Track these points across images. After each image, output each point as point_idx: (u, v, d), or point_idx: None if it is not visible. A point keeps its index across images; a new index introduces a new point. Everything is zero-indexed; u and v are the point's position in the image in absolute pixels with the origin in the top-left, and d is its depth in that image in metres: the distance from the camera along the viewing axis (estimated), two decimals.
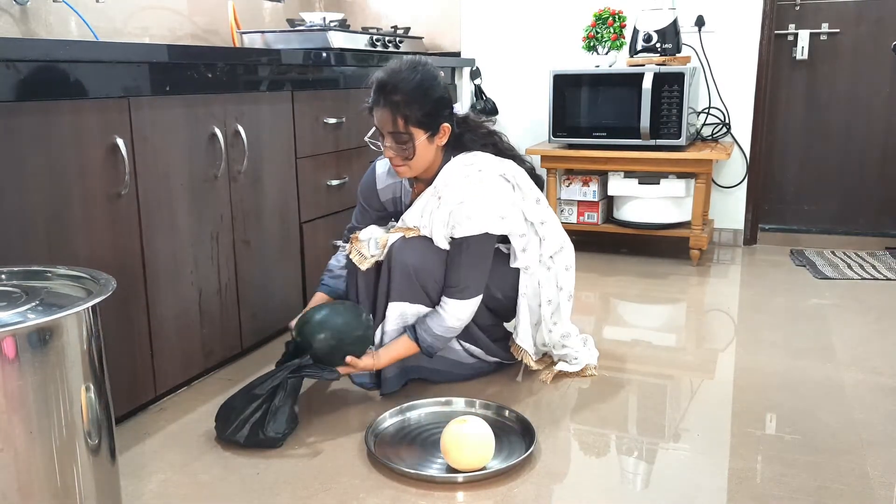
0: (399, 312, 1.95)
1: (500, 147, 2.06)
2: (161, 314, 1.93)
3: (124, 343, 1.82)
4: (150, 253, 1.87)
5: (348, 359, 1.85)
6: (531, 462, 1.67)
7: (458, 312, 1.93)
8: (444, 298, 1.95)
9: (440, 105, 1.91)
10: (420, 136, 1.89)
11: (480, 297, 1.97)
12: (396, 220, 2.09)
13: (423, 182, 2.03)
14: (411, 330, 1.93)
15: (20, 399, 1.15)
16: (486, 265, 1.96)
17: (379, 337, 1.98)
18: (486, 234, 1.90)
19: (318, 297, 2.13)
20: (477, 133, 2.04)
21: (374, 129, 1.97)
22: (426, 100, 1.88)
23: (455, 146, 1.99)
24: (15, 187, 1.52)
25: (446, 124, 1.94)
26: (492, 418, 1.83)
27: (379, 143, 1.96)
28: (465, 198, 1.88)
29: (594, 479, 1.61)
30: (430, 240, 1.94)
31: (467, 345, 2.07)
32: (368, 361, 1.89)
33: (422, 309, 1.96)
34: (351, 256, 1.99)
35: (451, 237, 1.92)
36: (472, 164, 1.94)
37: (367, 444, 1.72)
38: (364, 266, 1.97)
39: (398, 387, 2.02)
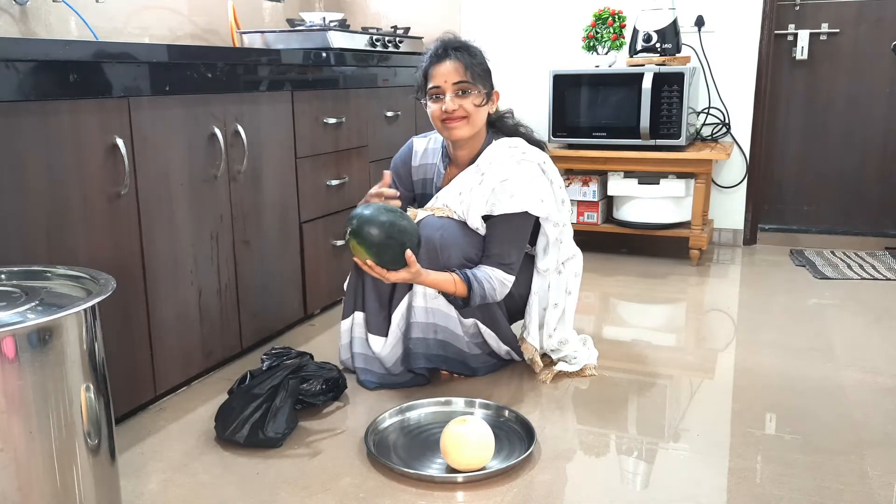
0: (422, 290, 1.97)
1: (530, 140, 2.11)
2: (161, 314, 1.93)
3: (124, 343, 1.82)
4: (149, 253, 1.87)
5: (408, 254, 1.82)
6: (531, 462, 1.67)
7: (501, 279, 1.97)
8: (484, 266, 1.97)
9: (490, 74, 2.04)
10: (482, 91, 1.99)
11: (514, 279, 2.00)
12: (419, 205, 2.14)
13: (456, 166, 2.09)
14: (460, 272, 1.94)
15: (20, 399, 1.15)
16: (523, 245, 2.03)
17: (405, 310, 2.00)
18: (526, 213, 1.96)
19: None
20: (512, 120, 2.14)
21: (425, 96, 2.03)
22: (485, 63, 2.03)
23: (496, 129, 2.09)
24: (15, 187, 1.52)
25: (497, 91, 2.06)
26: (492, 418, 1.83)
27: (428, 103, 2.02)
28: (508, 176, 1.95)
29: (594, 479, 1.61)
30: (461, 222, 1.98)
31: (483, 328, 2.05)
32: (406, 275, 1.86)
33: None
34: None
35: (490, 214, 1.96)
36: (517, 147, 2.02)
37: (366, 444, 1.72)
38: None
39: (424, 366, 2.03)
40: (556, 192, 2.06)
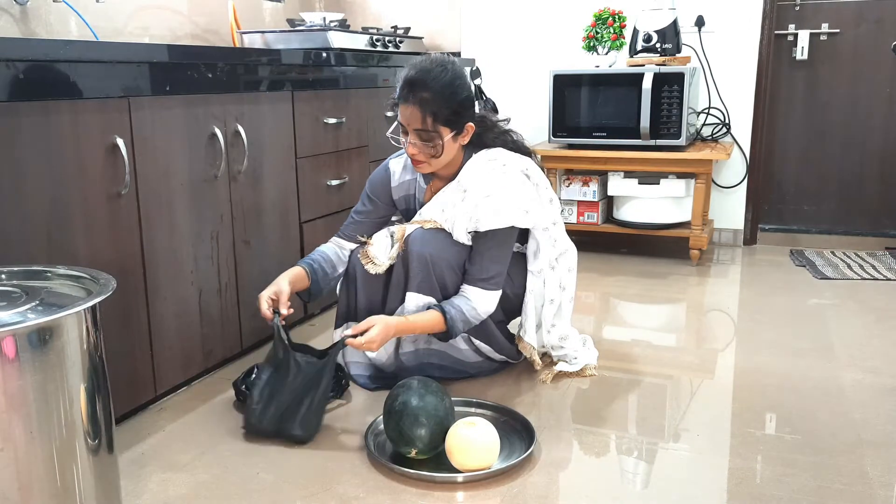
0: (415, 303, 1.94)
1: (514, 146, 2.07)
2: (161, 314, 1.93)
3: (124, 343, 1.82)
4: (150, 253, 1.87)
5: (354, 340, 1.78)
6: (531, 462, 1.67)
7: (483, 302, 1.95)
8: (467, 287, 1.96)
9: (466, 104, 1.93)
10: (446, 135, 1.90)
11: (500, 292, 1.99)
12: (405, 219, 2.11)
13: (439, 179, 2.05)
14: (438, 307, 1.91)
15: (20, 399, 1.15)
16: (507, 258, 2.00)
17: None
18: (511, 227, 1.93)
19: (298, 273, 2.01)
20: (494, 131, 2.06)
21: (395, 124, 1.97)
22: (454, 99, 1.89)
23: (475, 144, 2.02)
24: (15, 187, 1.52)
25: (470, 123, 1.95)
26: (492, 418, 1.83)
27: (400, 139, 1.96)
28: (490, 192, 1.91)
29: (594, 480, 1.61)
30: (448, 233, 1.95)
31: (477, 342, 2.06)
32: (378, 335, 1.79)
33: (433, 303, 1.95)
34: (367, 268, 2.00)
35: (475, 231, 1.93)
36: (497, 160, 1.98)
37: (367, 444, 1.72)
38: (382, 269, 1.99)
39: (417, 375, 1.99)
40: (542, 195, 2.03)
